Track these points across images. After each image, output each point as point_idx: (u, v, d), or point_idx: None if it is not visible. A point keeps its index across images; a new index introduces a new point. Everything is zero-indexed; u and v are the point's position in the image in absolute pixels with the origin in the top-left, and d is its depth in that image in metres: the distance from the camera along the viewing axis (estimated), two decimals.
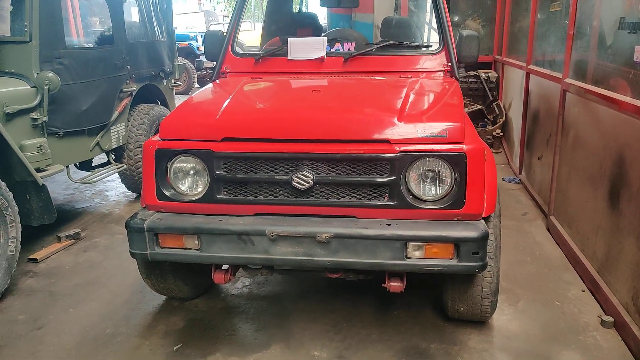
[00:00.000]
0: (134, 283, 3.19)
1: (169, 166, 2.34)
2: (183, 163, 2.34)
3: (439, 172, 2.17)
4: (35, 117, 3.51)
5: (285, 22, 4.10)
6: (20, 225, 3.14)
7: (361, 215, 2.25)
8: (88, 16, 5.11)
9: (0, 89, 3.29)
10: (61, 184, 5.25)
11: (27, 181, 3.36)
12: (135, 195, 4.93)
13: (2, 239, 3.02)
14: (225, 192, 2.31)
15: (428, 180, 2.19)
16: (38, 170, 3.44)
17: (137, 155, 4.57)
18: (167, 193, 2.35)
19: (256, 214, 2.32)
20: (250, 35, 14.47)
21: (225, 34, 3.32)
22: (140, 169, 4.60)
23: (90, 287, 3.21)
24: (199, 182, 2.35)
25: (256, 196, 2.29)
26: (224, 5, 29.83)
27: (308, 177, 2.21)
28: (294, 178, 2.21)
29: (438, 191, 2.19)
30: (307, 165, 2.23)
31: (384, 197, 2.21)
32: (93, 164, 4.47)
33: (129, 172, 4.58)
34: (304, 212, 2.28)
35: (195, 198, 2.34)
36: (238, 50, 3.30)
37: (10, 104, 3.31)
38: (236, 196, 2.31)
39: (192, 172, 2.35)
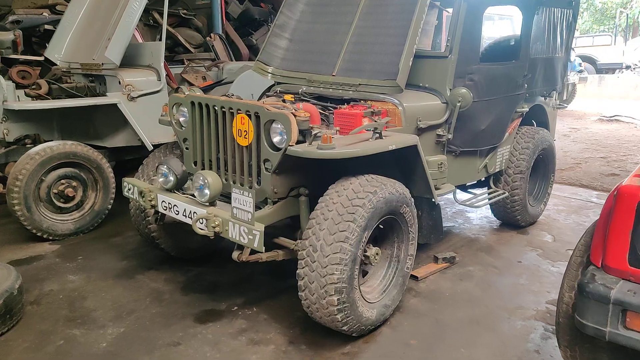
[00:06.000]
0: (525, 335, 2.76)
1: None
2: None
3: None
4: (441, 133, 3.42)
5: None
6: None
7: None
8: None
9: (417, 103, 3.30)
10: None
11: (421, 198, 3.29)
12: (498, 222, 4.54)
13: (402, 254, 3.00)
14: None
15: None
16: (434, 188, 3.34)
17: (516, 182, 4.13)
18: None
19: None
20: None
21: None
22: (517, 198, 4.16)
23: (476, 327, 2.91)
24: None
25: None
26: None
27: None
28: None
29: None
30: None
31: None
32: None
33: (502, 200, 4.18)
34: None
35: None
36: None
37: (423, 119, 3.28)
38: None
39: None
